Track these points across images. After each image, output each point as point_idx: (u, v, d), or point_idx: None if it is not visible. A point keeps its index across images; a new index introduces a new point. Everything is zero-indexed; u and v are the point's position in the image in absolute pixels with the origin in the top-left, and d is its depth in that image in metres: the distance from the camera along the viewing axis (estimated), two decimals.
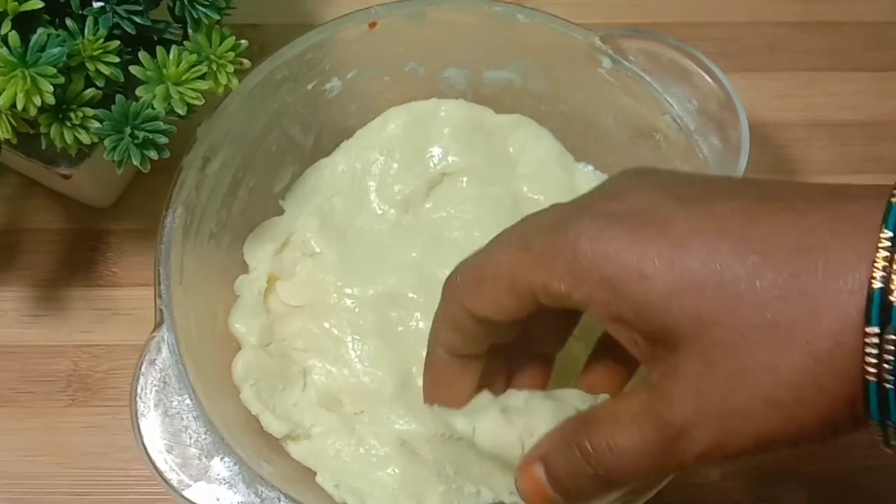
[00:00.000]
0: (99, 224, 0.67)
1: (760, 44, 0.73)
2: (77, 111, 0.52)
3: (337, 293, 0.60)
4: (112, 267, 0.66)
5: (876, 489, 0.61)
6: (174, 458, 0.50)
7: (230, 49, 0.53)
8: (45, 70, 0.49)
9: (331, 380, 0.59)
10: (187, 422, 0.51)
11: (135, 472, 0.61)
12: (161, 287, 0.53)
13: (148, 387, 0.51)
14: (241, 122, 0.58)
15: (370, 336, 0.59)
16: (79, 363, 0.64)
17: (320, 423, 0.58)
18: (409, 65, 0.62)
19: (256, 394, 0.57)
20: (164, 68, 0.52)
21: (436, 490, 0.55)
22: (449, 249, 0.60)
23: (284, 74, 0.59)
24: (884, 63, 0.73)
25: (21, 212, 0.67)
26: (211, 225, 0.58)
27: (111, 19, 0.52)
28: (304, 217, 0.62)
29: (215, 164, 0.57)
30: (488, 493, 0.56)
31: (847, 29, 0.73)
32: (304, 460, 0.57)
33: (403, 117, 0.64)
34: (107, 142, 0.51)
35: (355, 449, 0.57)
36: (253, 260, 0.61)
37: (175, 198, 0.55)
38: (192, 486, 0.50)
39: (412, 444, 0.57)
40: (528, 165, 0.64)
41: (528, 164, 0.64)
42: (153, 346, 0.52)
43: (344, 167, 0.64)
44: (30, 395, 0.63)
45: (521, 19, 0.59)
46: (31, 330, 0.65)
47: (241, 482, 0.50)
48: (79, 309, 0.65)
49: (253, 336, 0.58)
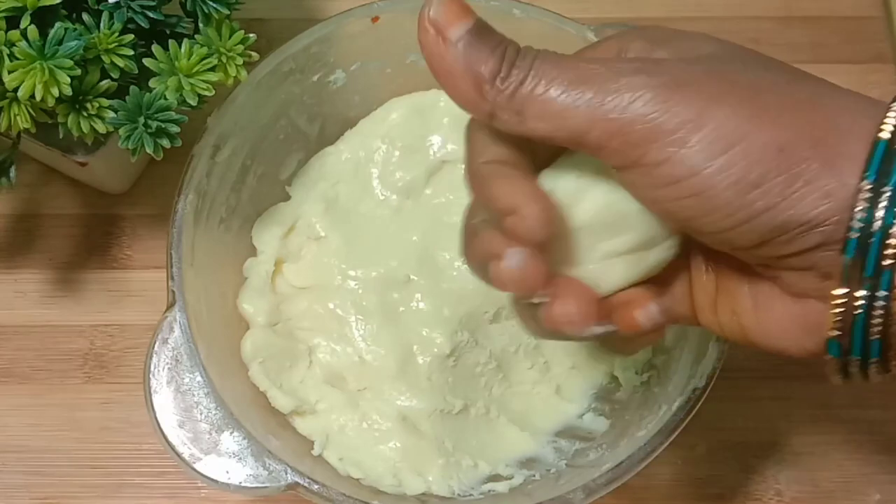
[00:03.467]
0: (114, 209, 0.68)
1: (744, 38, 0.72)
2: (93, 102, 0.52)
3: (341, 275, 0.61)
4: (126, 250, 0.67)
5: (856, 462, 0.62)
6: (186, 433, 0.51)
7: (239, 42, 0.54)
8: (62, 62, 0.49)
9: (335, 358, 0.60)
10: (198, 398, 0.51)
11: (148, 446, 0.62)
12: (173, 269, 0.53)
13: (161, 365, 0.52)
14: (249, 112, 0.59)
15: (373, 316, 0.60)
16: (95, 342, 0.65)
17: (325, 399, 0.59)
18: (410, 57, 0.62)
19: (264, 371, 0.57)
20: (176, 61, 0.53)
21: (435, 463, 0.57)
22: (448, 233, 0.59)
23: (291, 66, 0.59)
24: (864, 55, 0.73)
25: (40, 198, 0.68)
26: (221, 210, 0.59)
27: (126, 14, 0.53)
28: (310, 203, 0.63)
29: (225, 152, 0.58)
30: (486, 465, 0.58)
31: (828, 23, 0.74)
32: (310, 435, 0.57)
33: (405, 107, 0.64)
34: (121, 131, 0.52)
35: (358, 424, 0.58)
36: (261, 243, 0.62)
37: (186, 184, 0.55)
38: (202, 459, 0.50)
39: (413, 419, 0.58)
40: None
41: None
42: (166, 326, 0.52)
43: (348, 155, 0.64)
44: (48, 373, 0.64)
45: (516, 14, 0.59)
46: (49, 310, 0.65)
47: (250, 455, 0.50)
48: (95, 290, 0.66)
49: (261, 316, 0.59)
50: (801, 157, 0.36)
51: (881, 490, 0.62)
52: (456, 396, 0.59)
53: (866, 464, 0.62)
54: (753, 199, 0.36)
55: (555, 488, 0.53)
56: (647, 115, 0.37)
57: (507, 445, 0.59)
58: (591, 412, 0.60)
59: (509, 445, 0.59)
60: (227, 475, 0.50)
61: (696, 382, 0.52)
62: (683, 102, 0.37)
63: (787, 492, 0.62)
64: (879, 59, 0.74)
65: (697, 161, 0.36)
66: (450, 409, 0.59)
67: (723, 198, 0.37)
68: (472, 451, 0.58)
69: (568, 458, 0.59)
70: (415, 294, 0.61)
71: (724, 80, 0.38)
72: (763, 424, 0.63)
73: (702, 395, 0.51)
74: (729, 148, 0.36)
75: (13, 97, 0.51)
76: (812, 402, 0.64)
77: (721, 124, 0.36)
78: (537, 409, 0.60)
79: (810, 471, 0.62)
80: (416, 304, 0.61)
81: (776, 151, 0.36)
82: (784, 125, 0.37)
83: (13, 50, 0.49)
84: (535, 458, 0.59)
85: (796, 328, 0.40)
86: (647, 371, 0.59)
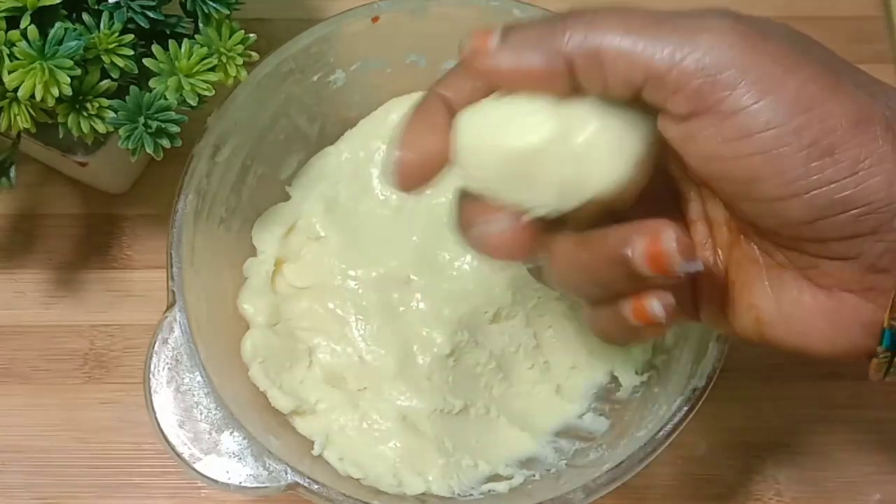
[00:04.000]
0: (114, 209, 0.68)
1: None
2: (93, 102, 0.52)
3: (341, 275, 0.61)
4: (126, 250, 0.67)
5: (856, 462, 0.62)
6: (186, 433, 0.51)
7: (239, 42, 0.54)
8: (62, 62, 0.49)
9: (335, 358, 0.60)
10: (198, 398, 0.51)
11: (148, 447, 0.62)
12: (173, 269, 0.53)
13: (161, 365, 0.52)
14: (249, 112, 0.59)
15: (373, 316, 0.60)
16: (95, 342, 0.65)
17: (325, 399, 0.58)
18: (410, 57, 0.63)
19: (264, 371, 0.57)
20: (176, 61, 0.53)
21: (435, 463, 0.57)
22: (448, 233, 0.57)
23: (291, 66, 0.59)
24: (863, 56, 0.71)
25: (40, 198, 0.68)
26: (221, 210, 0.59)
27: (126, 14, 0.53)
28: (310, 202, 0.63)
29: (225, 153, 0.58)
30: (486, 465, 0.58)
31: (829, 23, 0.73)
32: (310, 435, 0.57)
33: (405, 107, 0.61)
34: (121, 131, 0.52)
35: (358, 424, 0.58)
36: (261, 243, 0.62)
37: (186, 184, 0.55)
38: (202, 459, 0.51)
39: (413, 419, 0.58)
40: None
41: None
42: (166, 326, 0.52)
43: (348, 155, 0.64)
44: (48, 373, 0.64)
45: (516, 13, 0.59)
46: (49, 310, 0.65)
47: (250, 455, 0.50)
48: (95, 290, 0.66)
49: (261, 316, 0.59)
50: (875, 134, 0.36)
51: (881, 490, 0.62)
52: (456, 396, 0.59)
53: (866, 464, 0.62)
54: (822, 167, 0.36)
55: (555, 488, 0.53)
56: (733, 59, 0.36)
57: (507, 445, 0.59)
58: (591, 412, 0.60)
59: (509, 445, 0.59)
60: (227, 475, 0.50)
61: (696, 382, 0.52)
62: (767, 56, 0.36)
63: (787, 492, 0.62)
64: (879, 59, 0.74)
65: (776, 116, 0.36)
66: (450, 409, 0.59)
67: (792, 160, 0.36)
68: (472, 451, 0.58)
69: (568, 458, 0.59)
70: (415, 294, 0.61)
71: (802, 49, 0.37)
72: (763, 424, 0.63)
73: (702, 395, 0.51)
74: (808, 109, 0.36)
75: (13, 97, 0.51)
76: (812, 402, 0.64)
77: (803, 85, 0.36)
78: (537, 409, 0.60)
79: (810, 471, 0.62)
80: (415, 304, 0.60)
81: (853, 124, 0.36)
82: (861, 102, 0.36)
83: (13, 50, 0.49)
84: (535, 458, 0.59)
85: (826, 324, 0.39)
86: (647, 371, 0.60)
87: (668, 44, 0.36)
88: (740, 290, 0.42)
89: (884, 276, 0.37)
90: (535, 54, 0.38)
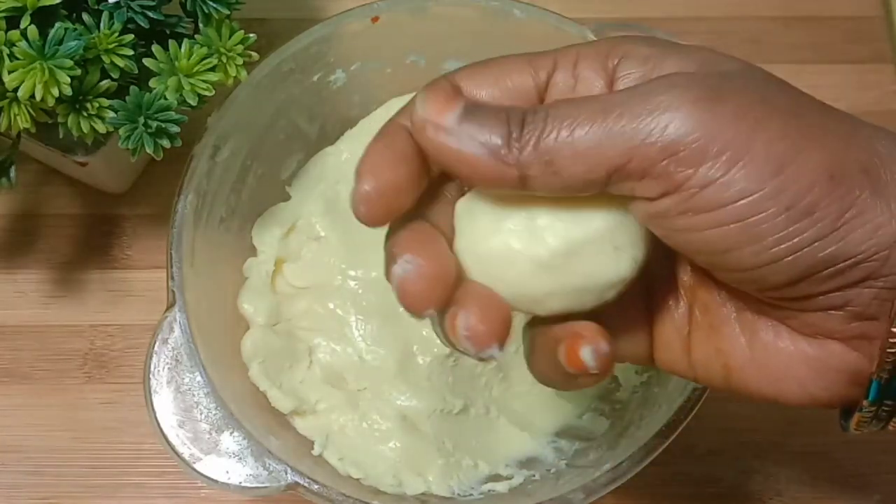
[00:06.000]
0: (114, 209, 0.68)
1: (746, 37, 0.73)
2: (93, 102, 0.52)
3: (341, 275, 0.61)
4: (126, 250, 0.67)
5: (856, 463, 0.62)
6: (186, 433, 0.51)
7: (239, 42, 0.54)
8: (62, 62, 0.49)
9: (335, 358, 0.60)
10: (198, 398, 0.51)
11: (148, 446, 0.62)
12: (173, 269, 0.53)
13: (161, 365, 0.52)
14: (249, 112, 0.59)
15: (372, 316, 0.60)
16: (95, 342, 0.65)
17: (325, 399, 0.59)
18: (410, 57, 0.63)
19: (264, 371, 0.57)
20: (176, 61, 0.53)
21: (435, 463, 0.57)
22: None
23: (291, 67, 0.59)
24: (863, 56, 0.73)
25: (40, 198, 0.68)
26: (221, 210, 0.59)
27: (126, 14, 0.53)
28: (310, 202, 0.63)
29: (225, 153, 0.58)
30: (486, 465, 0.58)
31: (828, 23, 0.74)
32: (310, 435, 0.58)
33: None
34: (121, 131, 0.52)
35: (358, 424, 0.58)
36: (261, 243, 0.62)
37: (186, 184, 0.55)
38: (202, 459, 0.50)
39: (413, 419, 0.58)
40: None
41: None
42: (166, 326, 0.52)
43: (348, 155, 0.64)
44: (48, 373, 0.64)
45: (517, 14, 0.59)
46: (49, 310, 0.65)
47: (250, 455, 0.50)
48: (95, 290, 0.66)
49: (261, 316, 0.59)
50: (853, 184, 0.34)
51: (881, 490, 0.62)
52: (456, 396, 0.59)
53: (866, 464, 0.63)
54: (803, 229, 0.34)
55: (555, 488, 0.53)
56: (691, 133, 0.33)
57: (507, 445, 0.59)
58: (591, 412, 0.60)
59: (509, 445, 0.59)
60: (227, 475, 0.50)
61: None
62: (727, 118, 0.34)
63: (787, 492, 0.62)
64: (879, 59, 0.74)
65: (748, 184, 0.33)
66: (450, 409, 0.59)
67: (770, 225, 0.34)
68: (472, 451, 0.58)
69: (568, 458, 0.59)
70: None
71: (762, 99, 0.35)
72: (763, 424, 0.63)
73: (702, 395, 0.51)
74: (780, 171, 0.33)
75: (13, 97, 0.51)
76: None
77: (771, 144, 0.33)
78: (537, 409, 0.60)
79: (810, 471, 0.62)
80: None
81: (828, 178, 0.33)
82: (831, 149, 0.34)
83: (13, 50, 0.49)
84: (535, 458, 0.59)
85: (806, 371, 0.37)
86: (647, 371, 0.59)
87: (620, 133, 0.34)
88: (707, 334, 0.40)
89: (872, 323, 0.35)
90: (486, 152, 0.35)
